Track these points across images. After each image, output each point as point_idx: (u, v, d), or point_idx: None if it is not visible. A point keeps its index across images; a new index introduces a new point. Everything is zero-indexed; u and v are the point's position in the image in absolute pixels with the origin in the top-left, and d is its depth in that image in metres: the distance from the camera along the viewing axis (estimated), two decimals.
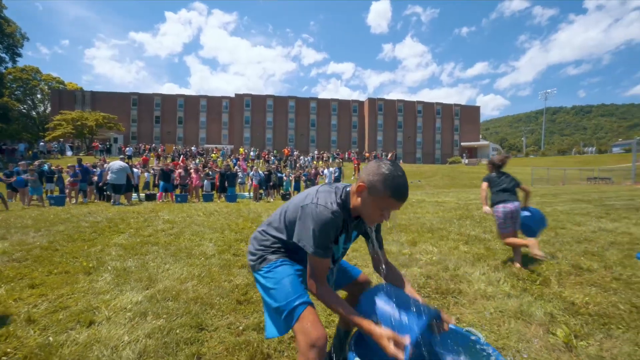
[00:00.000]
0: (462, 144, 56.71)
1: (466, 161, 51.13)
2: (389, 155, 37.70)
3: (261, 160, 28.99)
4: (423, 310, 1.14)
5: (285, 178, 15.42)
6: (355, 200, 1.26)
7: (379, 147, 53.09)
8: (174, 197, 11.98)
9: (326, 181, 14.63)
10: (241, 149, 35.36)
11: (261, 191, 13.86)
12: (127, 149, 26.52)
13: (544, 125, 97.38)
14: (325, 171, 16.15)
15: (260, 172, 13.28)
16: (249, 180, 14.36)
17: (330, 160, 29.17)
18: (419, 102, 56.44)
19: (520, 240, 3.45)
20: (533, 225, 3.63)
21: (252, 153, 31.30)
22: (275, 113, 53.03)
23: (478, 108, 60.04)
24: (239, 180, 15.30)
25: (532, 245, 3.08)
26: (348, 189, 1.31)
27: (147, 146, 34.93)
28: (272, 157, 28.32)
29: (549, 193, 14.74)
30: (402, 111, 55.44)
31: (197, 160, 27.59)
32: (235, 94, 52.54)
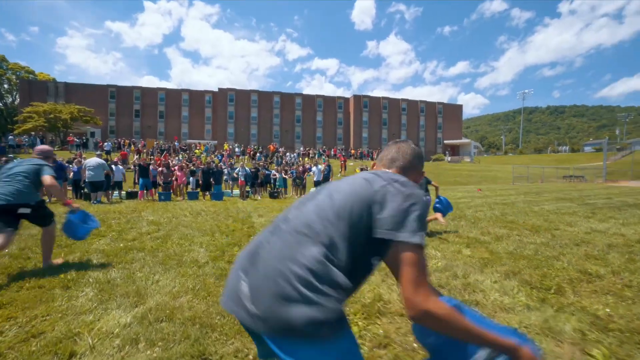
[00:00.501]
0: (445, 141, 57.73)
1: (449, 159, 52.16)
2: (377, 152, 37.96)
3: (246, 157, 28.44)
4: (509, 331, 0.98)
5: (275, 175, 15.08)
6: None
7: (364, 144, 53.34)
8: (156, 194, 11.45)
9: (314, 179, 14.37)
10: (225, 145, 34.59)
11: (247, 189, 13.48)
12: (105, 143, 25.31)
13: (521, 125, 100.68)
14: (314, 168, 15.86)
15: (246, 168, 12.88)
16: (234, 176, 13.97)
17: (317, 157, 28.92)
18: (403, 100, 56.94)
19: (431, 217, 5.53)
20: (443, 210, 5.47)
21: (236, 149, 30.63)
22: (260, 108, 52.19)
23: (460, 107, 61.23)
24: (225, 177, 14.84)
25: (439, 216, 5.43)
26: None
27: (127, 141, 33.58)
28: (259, 154, 27.83)
29: (530, 191, 15.15)
30: (386, 108, 55.79)
31: (181, 156, 26.76)
32: (219, 89, 51.33)
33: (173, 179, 12.15)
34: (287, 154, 28.96)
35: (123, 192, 12.02)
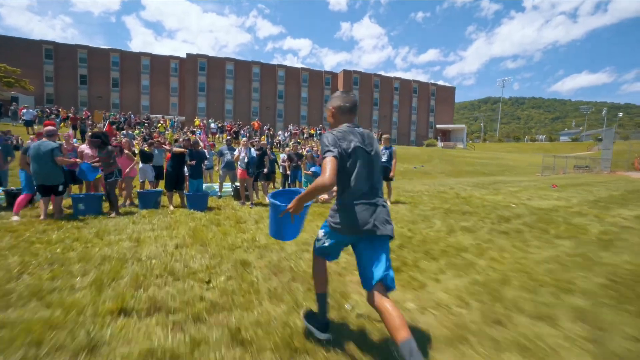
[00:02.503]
0: (438, 126, 54.08)
1: (441, 144, 48.62)
2: (379, 134, 33.09)
3: (224, 135, 22.22)
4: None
5: (285, 163, 9.49)
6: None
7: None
8: (67, 198, 5.66)
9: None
10: (196, 120, 27.91)
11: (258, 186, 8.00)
12: (25, 110, 18.02)
13: (499, 113, 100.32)
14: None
15: (252, 149, 7.27)
16: (220, 164, 8.31)
17: (315, 138, 23.38)
18: (396, 79, 52.08)
19: None
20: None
21: (212, 124, 24.23)
22: (237, 79, 44.98)
23: (453, 89, 57.57)
24: (206, 164, 9.10)
25: None
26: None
27: (65, 112, 25.81)
28: (249, 131, 21.71)
29: (572, 184, 11.56)
30: (378, 87, 50.70)
31: (136, 132, 20.06)
32: (187, 54, 43.28)
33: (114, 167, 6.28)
34: (280, 132, 23.14)
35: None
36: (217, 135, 22.95)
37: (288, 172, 9.32)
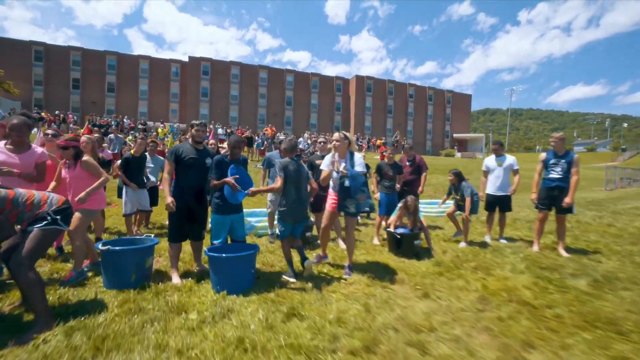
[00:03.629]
0: (454, 135, 50.91)
1: (459, 154, 45.37)
2: (397, 135, 29.71)
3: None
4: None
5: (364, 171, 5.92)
6: None
7: (367, 134, 44.90)
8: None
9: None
10: None
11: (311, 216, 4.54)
12: None
13: (508, 123, 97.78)
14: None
15: (358, 155, 3.75)
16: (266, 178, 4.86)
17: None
18: (410, 85, 49.16)
19: None
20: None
21: (219, 129, 20.81)
22: (242, 85, 41.85)
23: (469, 97, 54.70)
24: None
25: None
26: None
27: (49, 115, 22.35)
28: (284, 135, 18.24)
29: None
30: (392, 93, 47.68)
31: (129, 137, 16.54)
32: (190, 57, 40.24)
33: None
34: (301, 139, 19.69)
35: None
36: (225, 143, 19.53)
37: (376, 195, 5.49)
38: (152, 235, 3.48)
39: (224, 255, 2.92)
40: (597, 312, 2.71)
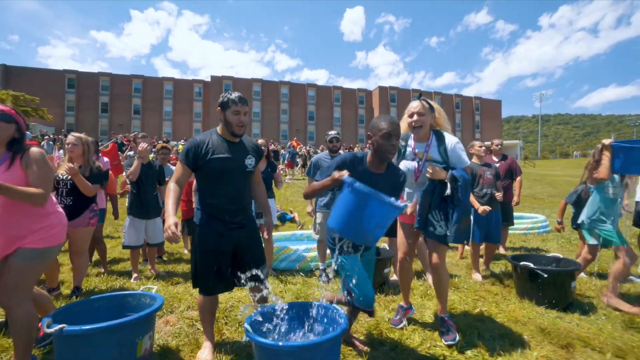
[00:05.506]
0: (486, 142, 48.05)
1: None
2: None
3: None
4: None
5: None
6: None
7: None
8: None
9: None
10: None
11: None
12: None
13: (540, 129, 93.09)
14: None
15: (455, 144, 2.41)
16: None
17: None
18: (436, 93, 47.34)
19: None
20: None
21: None
22: (264, 102, 41.62)
23: (499, 102, 52.01)
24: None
25: None
26: None
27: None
28: (284, 150, 17.09)
29: None
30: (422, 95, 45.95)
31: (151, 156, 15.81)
32: (212, 77, 40.63)
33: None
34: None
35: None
36: None
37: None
38: (154, 288, 2.03)
39: (281, 344, 1.37)
40: None
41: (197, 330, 2.24)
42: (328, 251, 2.73)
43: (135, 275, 3.39)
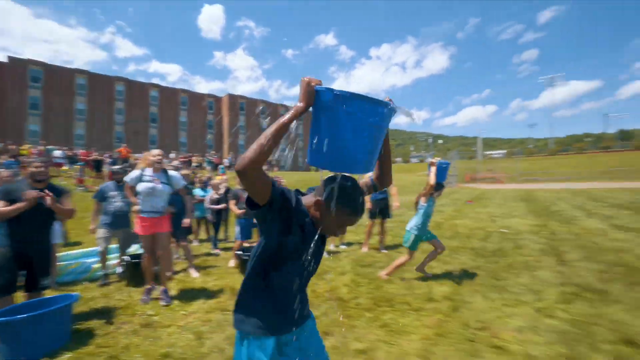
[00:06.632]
0: None
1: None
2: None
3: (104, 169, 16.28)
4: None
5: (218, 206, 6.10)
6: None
7: (241, 152, 45.53)
8: None
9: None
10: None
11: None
12: None
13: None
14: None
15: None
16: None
17: (220, 169, 19.92)
18: (282, 106, 52.59)
19: None
20: None
21: (56, 151, 17.67)
22: (90, 100, 36.25)
23: None
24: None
25: None
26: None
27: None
28: (118, 161, 16.28)
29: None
30: (265, 113, 49.94)
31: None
32: (10, 58, 32.36)
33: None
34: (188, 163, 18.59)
35: None
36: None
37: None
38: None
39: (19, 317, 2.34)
40: (384, 295, 3.39)
41: None
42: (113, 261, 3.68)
43: None
